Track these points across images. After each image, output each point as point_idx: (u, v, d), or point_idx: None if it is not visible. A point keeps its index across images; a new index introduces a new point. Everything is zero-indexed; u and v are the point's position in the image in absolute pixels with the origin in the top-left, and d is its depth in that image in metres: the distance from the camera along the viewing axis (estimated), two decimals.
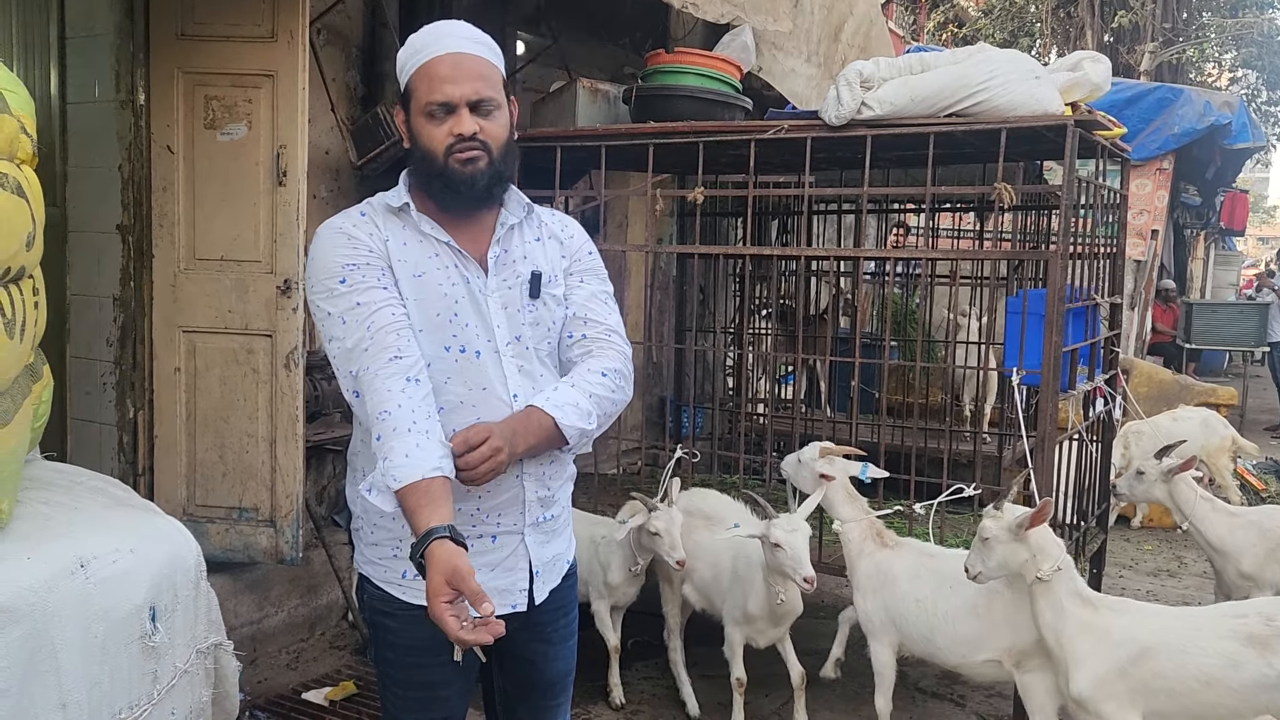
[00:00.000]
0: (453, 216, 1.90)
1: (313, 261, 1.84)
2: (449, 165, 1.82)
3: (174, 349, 3.83)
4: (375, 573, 1.94)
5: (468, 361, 1.86)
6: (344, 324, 1.78)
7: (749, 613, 3.50)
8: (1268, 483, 6.78)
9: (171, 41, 3.72)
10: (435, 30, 1.87)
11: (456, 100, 1.80)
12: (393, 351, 1.76)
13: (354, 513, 1.99)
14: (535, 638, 2.04)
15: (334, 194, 4.54)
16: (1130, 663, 2.69)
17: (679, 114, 4.09)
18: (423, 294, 1.84)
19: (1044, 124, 3.26)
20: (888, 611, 3.34)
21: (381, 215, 1.88)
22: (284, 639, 4.17)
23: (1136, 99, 9.76)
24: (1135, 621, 2.78)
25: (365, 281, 1.80)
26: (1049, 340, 3.21)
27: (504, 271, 1.91)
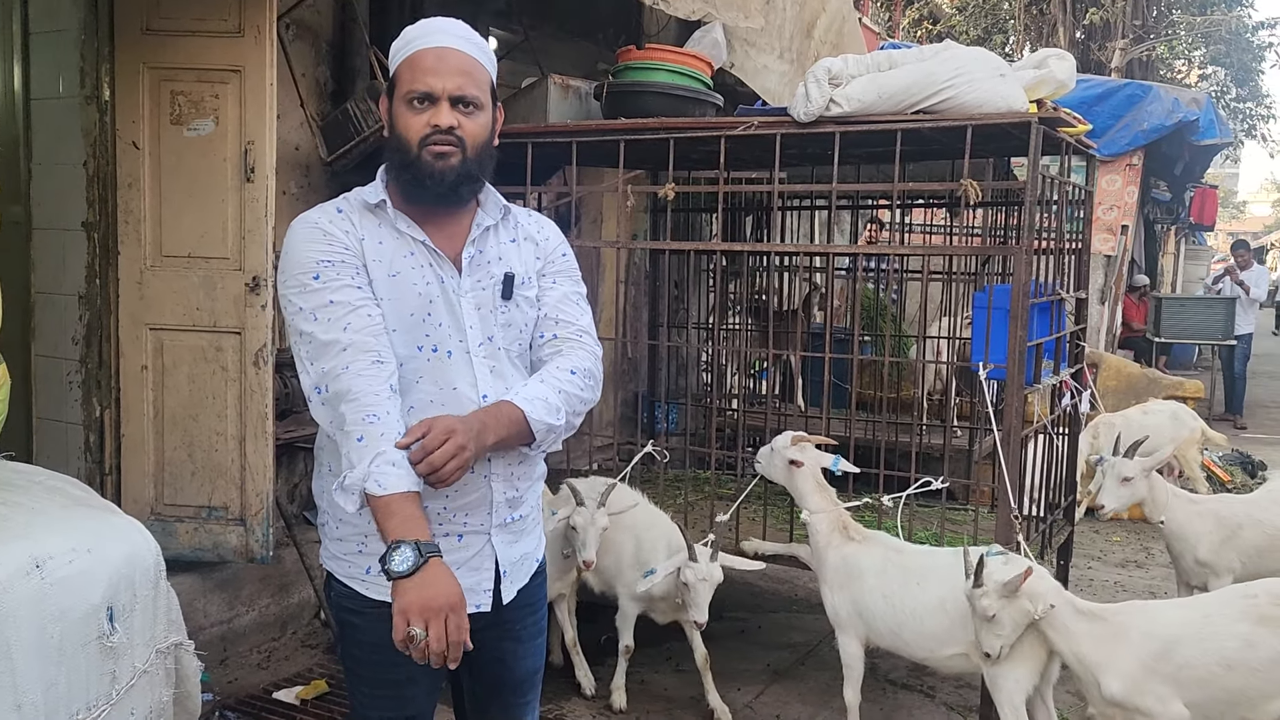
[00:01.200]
0: (428, 214, 1.89)
1: (286, 255, 1.83)
2: (421, 156, 1.82)
3: (141, 347, 3.79)
4: (340, 568, 1.94)
5: (439, 361, 1.86)
6: (316, 320, 1.77)
7: (651, 594, 3.59)
8: (1233, 474, 6.88)
9: (137, 36, 3.69)
10: (430, 24, 1.88)
11: (438, 92, 1.81)
12: (374, 355, 1.76)
13: (320, 507, 1.98)
14: (504, 636, 2.04)
15: (304, 190, 4.51)
16: (1156, 659, 2.75)
17: (650, 110, 4.10)
18: (397, 293, 1.84)
19: (1009, 121, 3.28)
20: (855, 605, 3.36)
21: (358, 212, 1.88)
22: (255, 638, 4.15)
23: (1107, 95, 9.86)
24: (1150, 619, 2.85)
25: (340, 279, 1.79)
26: (1014, 335, 3.24)
27: (478, 272, 1.91)
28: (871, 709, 3.83)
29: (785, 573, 5.13)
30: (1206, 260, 19.99)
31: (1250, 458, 7.51)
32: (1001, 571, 2.85)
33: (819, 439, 3.57)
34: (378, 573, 1.86)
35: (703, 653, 3.70)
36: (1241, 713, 2.76)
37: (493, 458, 1.89)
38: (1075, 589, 4.36)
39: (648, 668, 4.10)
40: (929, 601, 3.18)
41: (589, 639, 4.13)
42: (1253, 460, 7.46)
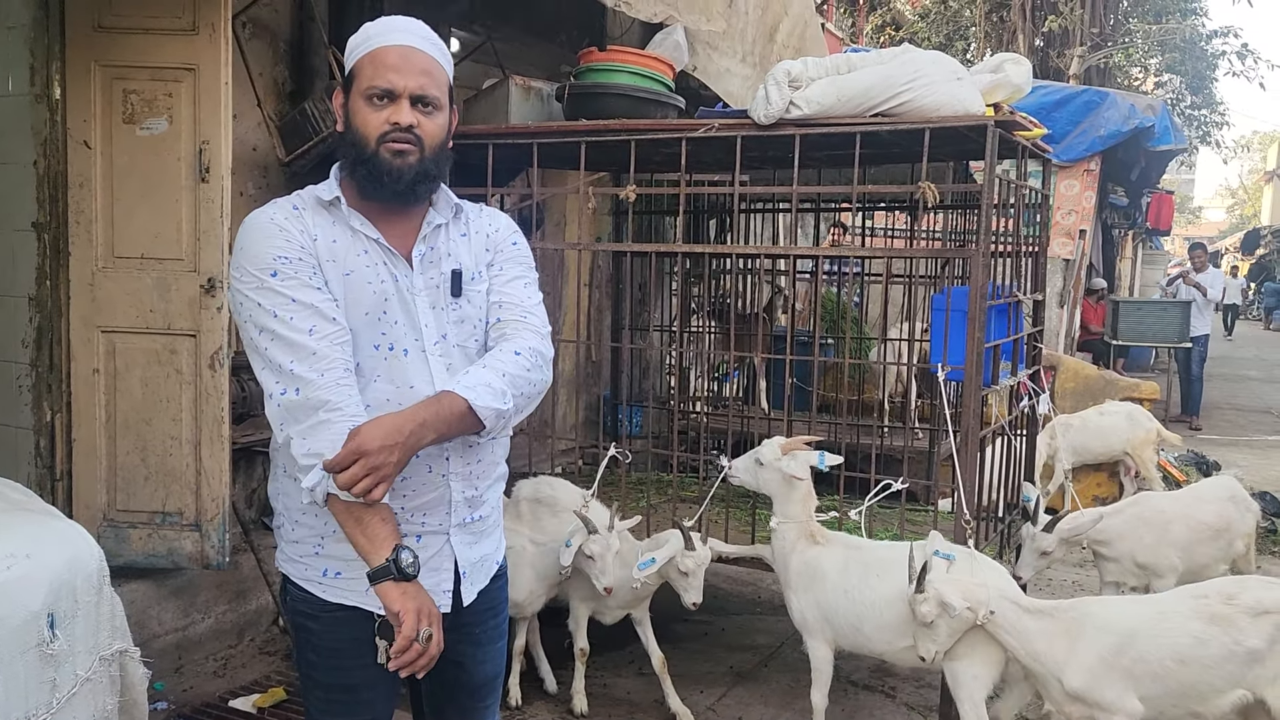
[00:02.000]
0: (381, 211, 1.88)
1: (241, 250, 1.80)
2: (379, 152, 1.81)
3: (93, 350, 3.72)
4: (295, 571, 1.92)
5: (395, 360, 1.84)
6: (276, 318, 1.74)
7: (596, 590, 3.57)
8: (1189, 474, 6.99)
9: (88, 34, 3.62)
10: (391, 22, 1.87)
11: (400, 90, 1.80)
12: (345, 364, 1.76)
13: (275, 509, 1.96)
14: (463, 639, 2.01)
15: (261, 190, 4.45)
16: (1113, 652, 2.82)
17: (611, 112, 4.09)
18: (353, 293, 1.82)
19: (965, 124, 3.32)
20: (820, 608, 3.37)
21: (311, 209, 1.86)
22: (211, 646, 4.09)
23: (1064, 102, 9.99)
24: (1105, 614, 2.91)
25: (299, 277, 1.77)
26: (972, 336, 3.27)
27: (430, 270, 1.90)
28: (834, 710, 3.84)
29: (748, 575, 5.14)
30: (1163, 264, 20.35)
31: (1205, 458, 7.64)
32: (945, 584, 2.88)
33: (803, 439, 3.51)
34: (334, 575, 1.86)
35: (659, 656, 3.70)
36: (1191, 705, 2.84)
37: (450, 456, 1.87)
38: (1033, 588, 4.41)
39: (610, 671, 4.09)
40: (888, 593, 3.19)
41: (554, 641, 4.12)
42: (1208, 460, 7.58)
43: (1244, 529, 4.14)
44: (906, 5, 19.71)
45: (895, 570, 3.17)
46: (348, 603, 1.87)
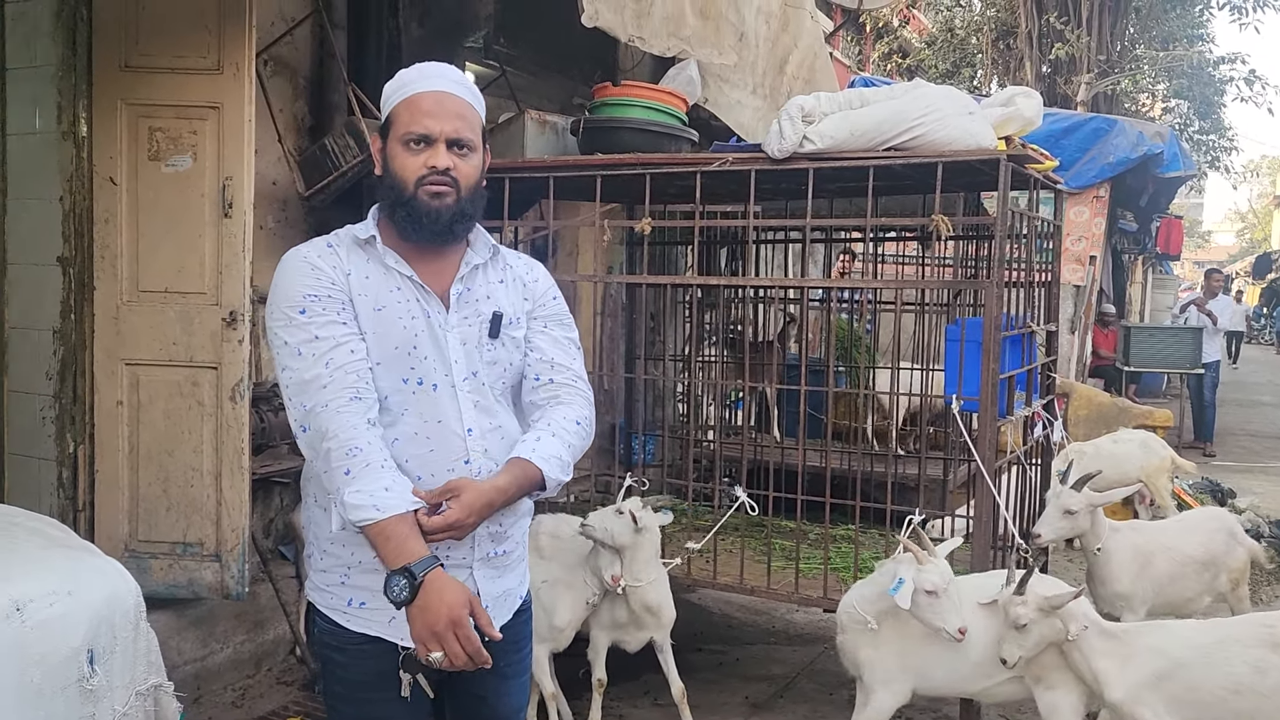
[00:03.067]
0: (418, 251, 1.93)
1: (275, 289, 1.87)
2: (417, 195, 1.87)
3: (116, 382, 3.77)
4: (322, 599, 1.95)
5: (424, 394, 1.88)
6: (299, 355, 1.81)
7: (615, 617, 3.60)
8: (1203, 501, 6.96)
9: (115, 73, 3.70)
10: (427, 69, 1.94)
11: (436, 134, 1.86)
12: (353, 392, 1.80)
13: (305, 539, 2.01)
14: (487, 674, 2.02)
15: (281, 225, 4.52)
16: (1162, 676, 2.84)
17: (626, 146, 4.15)
18: (382, 327, 1.87)
19: (978, 158, 3.36)
20: (903, 657, 3.17)
21: (347, 247, 1.92)
22: (230, 676, 4.10)
23: (1073, 129, 10.04)
24: (1164, 638, 2.94)
25: (325, 315, 1.82)
26: (986, 367, 3.29)
27: (465, 309, 1.95)
28: None
29: (763, 604, 5.15)
30: (1173, 289, 20.31)
31: (1220, 485, 7.61)
32: (1046, 586, 2.90)
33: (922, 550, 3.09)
34: (359, 605, 1.90)
35: (679, 686, 3.70)
36: None
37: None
38: None
39: (625, 701, 4.09)
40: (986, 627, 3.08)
41: (567, 673, 4.12)
42: (1222, 488, 7.55)
43: (1231, 563, 4.02)
44: (913, 33, 19.86)
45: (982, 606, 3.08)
46: (371, 633, 1.90)
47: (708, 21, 4.90)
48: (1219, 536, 4.00)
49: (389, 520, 1.74)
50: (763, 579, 3.91)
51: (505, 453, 1.93)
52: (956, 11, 19.12)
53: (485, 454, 1.91)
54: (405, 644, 1.88)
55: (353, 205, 4.36)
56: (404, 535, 1.75)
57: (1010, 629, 2.93)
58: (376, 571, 1.88)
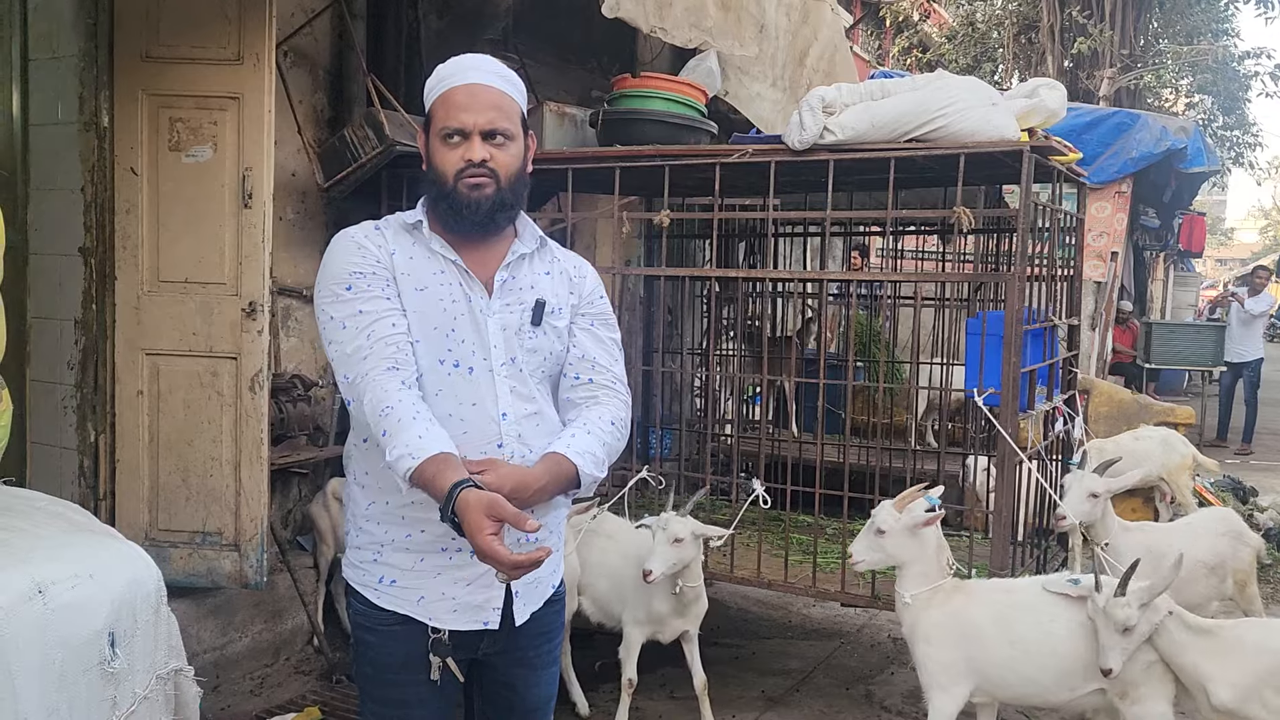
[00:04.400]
0: (464, 239, 1.95)
1: (324, 268, 1.91)
2: (457, 188, 1.89)
3: (137, 372, 3.79)
4: (356, 576, 1.98)
5: (460, 377, 1.90)
6: (344, 329, 1.84)
7: (654, 611, 3.57)
8: (1225, 499, 6.90)
9: (136, 63, 3.71)
10: (462, 62, 1.95)
11: (469, 127, 1.88)
12: (391, 362, 1.82)
13: (346, 514, 2.04)
14: (517, 663, 2.05)
15: (301, 216, 4.53)
16: (1271, 672, 2.81)
17: (645, 137, 4.14)
18: (423, 306, 1.89)
19: (1000, 150, 3.33)
20: (972, 663, 3.09)
21: (394, 230, 1.96)
22: (248, 665, 4.12)
23: (1095, 124, 9.94)
24: (1266, 634, 2.91)
25: (370, 290, 1.86)
26: (1008, 361, 3.27)
27: (508, 296, 1.96)
28: None
29: (779, 599, 5.13)
30: (1195, 286, 20.13)
31: (1242, 484, 7.54)
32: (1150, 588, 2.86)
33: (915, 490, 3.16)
34: (389, 582, 1.93)
35: (702, 679, 3.69)
36: None
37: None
38: None
39: (642, 694, 4.08)
40: (1064, 633, 3.03)
41: (584, 665, 4.13)
42: (1244, 486, 7.48)
43: (1238, 565, 3.96)
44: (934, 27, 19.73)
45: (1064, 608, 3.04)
46: (400, 611, 1.92)
47: (729, 13, 4.87)
48: (1225, 540, 3.96)
49: (425, 463, 1.72)
50: (780, 573, 3.90)
51: (540, 439, 1.93)
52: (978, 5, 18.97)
53: (519, 439, 1.91)
54: (435, 625, 1.91)
55: (371, 197, 4.37)
56: (435, 473, 1.73)
57: (1112, 634, 2.85)
58: (407, 551, 1.92)
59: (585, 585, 3.85)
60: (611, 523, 3.95)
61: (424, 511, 1.89)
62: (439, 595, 1.92)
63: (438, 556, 1.92)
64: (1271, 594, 5.71)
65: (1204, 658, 2.88)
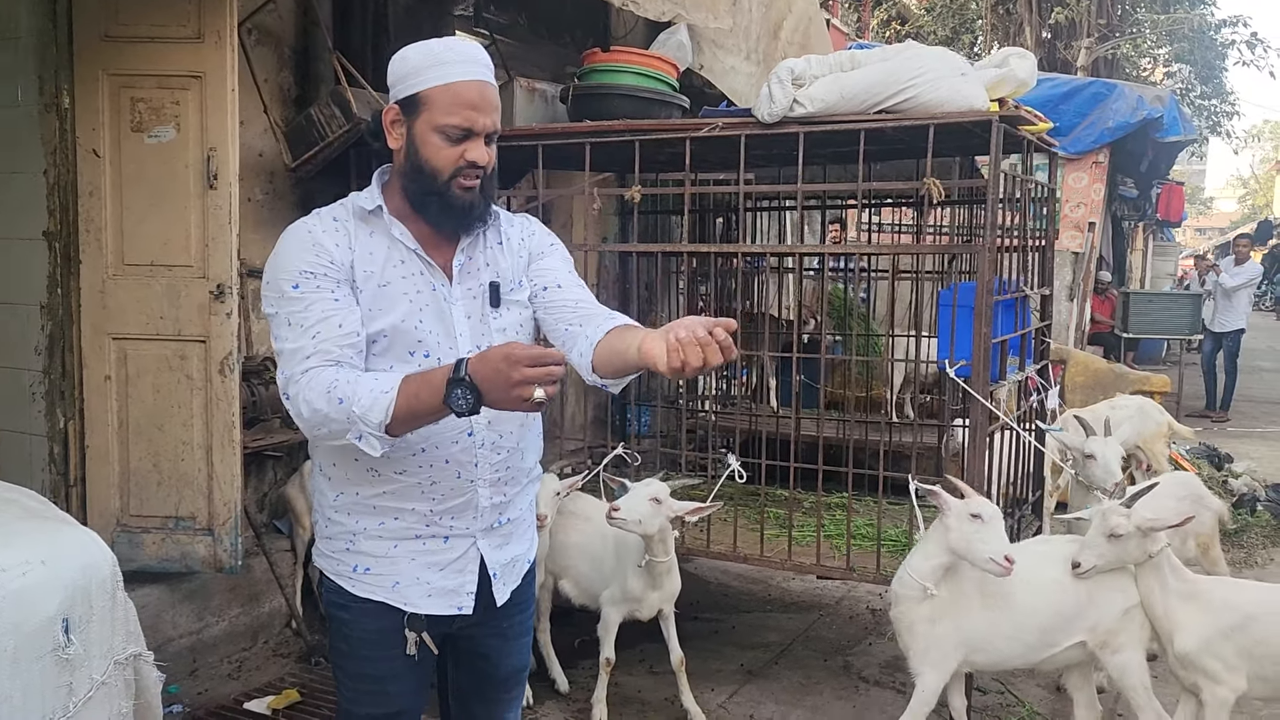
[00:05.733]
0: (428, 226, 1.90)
1: (273, 260, 1.85)
2: (451, 188, 1.84)
3: (104, 357, 3.75)
4: (328, 565, 1.98)
5: (431, 366, 1.87)
6: (289, 325, 1.80)
7: (630, 590, 3.56)
8: (1200, 467, 6.96)
9: (96, 43, 3.65)
10: (460, 49, 1.86)
11: (480, 129, 1.83)
12: (333, 360, 1.77)
13: (313, 505, 2.03)
14: (492, 634, 2.08)
15: (269, 196, 4.48)
16: (1233, 629, 2.90)
17: (615, 113, 4.10)
18: (387, 302, 1.86)
19: (969, 120, 3.31)
20: (961, 631, 3.11)
21: (354, 220, 1.89)
22: (226, 648, 4.11)
23: (1072, 94, 9.96)
24: (1235, 593, 3.02)
25: (319, 291, 1.80)
26: (979, 332, 3.27)
27: (468, 280, 1.94)
28: (844, 706, 3.86)
29: (759, 573, 5.16)
30: (1174, 256, 20.24)
31: (1217, 451, 7.61)
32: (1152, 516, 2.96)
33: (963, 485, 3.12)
34: (364, 570, 1.93)
35: (679, 654, 3.70)
36: None
37: (479, 463, 1.91)
38: None
39: (621, 670, 4.09)
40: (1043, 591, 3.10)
41: (564, 642, 4.14)
42: (1219, 453, 7.55)
43: (1199, 529, 4.02)
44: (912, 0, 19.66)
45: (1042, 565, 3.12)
46: (375, 598, 1.93)
47: None
48: (1186, 503, 4.00)
49: (401, 385, 1.68)
50: (756, 547, 3.90)
51: (510, 424, 1.92)
52: None
53: (489, 425, 1.90)
54: (410, 609, 1.92)
55: (340, 176, 4.32)
56: (421, 378, 1.69)
57: (1099, 536, 2.97)
58: (380, 539, 1.92)
59: (566, 567, 3.85)
60: (589, 504, 3.94)
61: (397, 501, 1.89)
62: (413, 580, 1.93)
63: (411, 543, 1.92)
64: (1245, 558, 5.78)
65: (1178, 606, 2.97)
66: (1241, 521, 6.20)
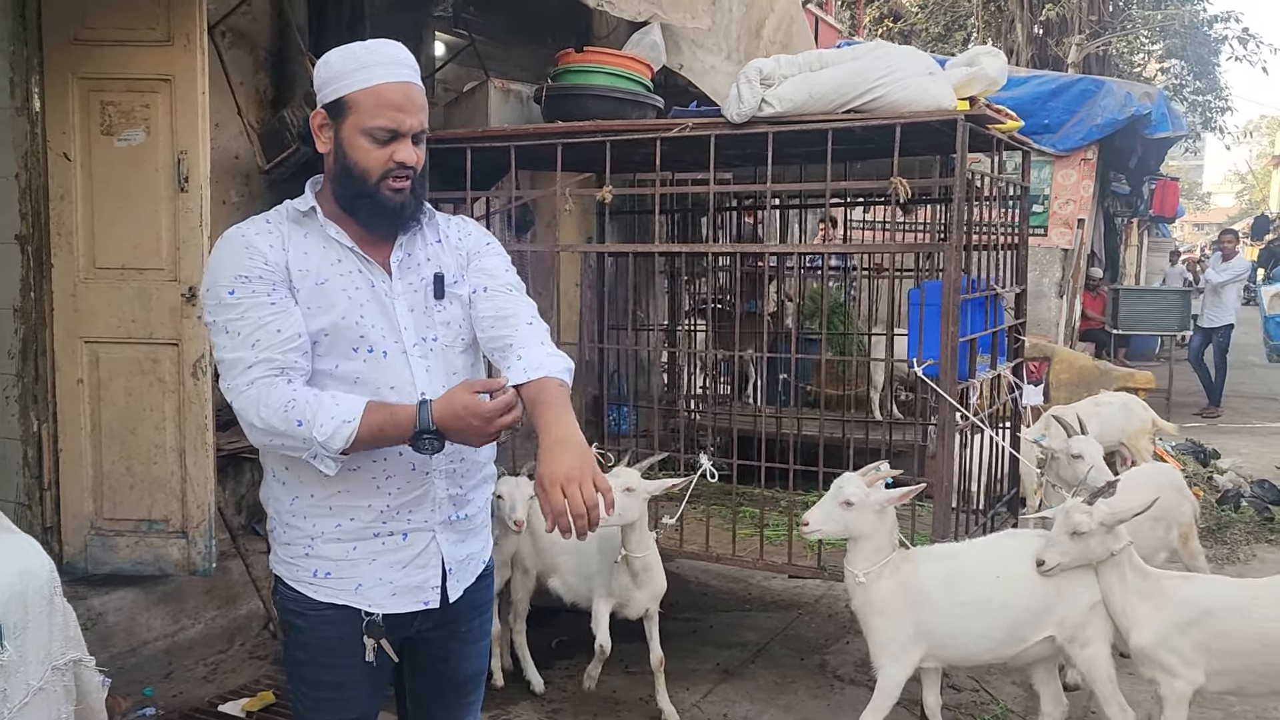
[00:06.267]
0: (365, 227, 1.91)
1: (209, 268, 1.86)
2: (381, 189, 1.85)
3: (76, 360, 3.76)
4: (287, 572, 1.96)
5: (375, 361, 1.88)
6: (227, 334, 1.81)
7: (615, 586, 3.57)
8: (1185, 463, 6.96)
9: (66, 47, 3.65)
10: (382, 50, 1.87)
11: (406, 130, 1.84)
12: (277, 370, 1.78)
13: (268, 513, 2.01)
14: (449, 637, 2.07)
15: (245, 199, 4.48)
16: (1189, 624, 2.93)
17: (589, 113, 4.10)
18: (325, 300, 1.86)
19: (935, 119, 3.32)
20: (921, 627, 3.13)
21: (287, 223, 1.90)
22: (201, 651, 4.11)
23: (1060, 91, 9.95)
24: (1197, 589, 3.03)
25: (254, 296, 1.80)
26: (945, 331, 3.27)
27: (409, 275, 1.95)
28: (818, 705, 3.86)
29: (740, 572, 5.15)
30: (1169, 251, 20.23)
31: (1203, 447, 7.61)
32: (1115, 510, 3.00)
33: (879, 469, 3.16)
34: (324, 575, 1.92)
35: (659, 655, 3.69)
36: (1274, 685, 2.95)
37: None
38: None
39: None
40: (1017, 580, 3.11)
41: (541, 642, 4.14)
42: (1205, 449, 7.55)
43: (1180, 518, 4.08)
44: None
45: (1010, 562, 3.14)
46: (338, 601, 1.92)
47: None
48: (1168, 491, 4.07)
49: (365, 415, 1.75)
50: (730, 547, 3.91)
51: None
52: None
53: None
54: (370, 611, 1.91)
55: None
56: (387, 411, 1.77)
57: (1063, 534, 2.99)
58: (339, 541, 1.91)
59: (553, 566, 3.84)
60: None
61: (352, 500, 1.89)
62: (376, 581, 1.92)
63: (370, 543, 1.92)
64: (1228, 554, 5.78)
65: (1138, 601, 3.00)
66: (1229, 517, 6.20)
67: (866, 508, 3.09)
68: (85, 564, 3.82)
